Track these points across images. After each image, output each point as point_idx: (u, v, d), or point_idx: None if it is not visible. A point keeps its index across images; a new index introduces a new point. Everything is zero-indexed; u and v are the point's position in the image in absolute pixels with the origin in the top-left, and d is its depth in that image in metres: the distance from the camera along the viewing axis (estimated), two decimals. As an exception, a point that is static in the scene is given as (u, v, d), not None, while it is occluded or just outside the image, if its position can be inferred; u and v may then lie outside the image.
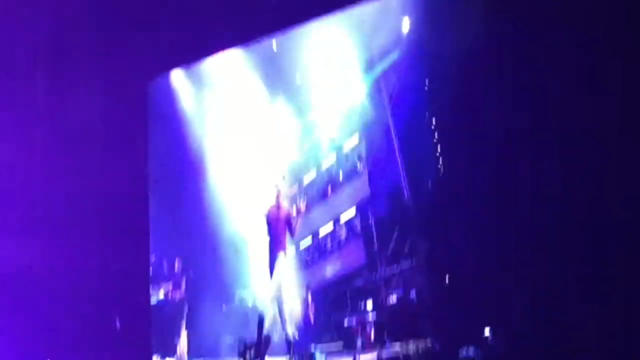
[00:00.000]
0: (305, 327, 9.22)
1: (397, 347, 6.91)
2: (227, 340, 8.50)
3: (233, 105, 10.33)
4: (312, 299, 9.45)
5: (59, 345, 5.25)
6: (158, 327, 7.79)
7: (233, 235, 9.64)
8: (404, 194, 8.07)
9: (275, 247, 6.64)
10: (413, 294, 7.55)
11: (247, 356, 6.48)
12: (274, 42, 9.29)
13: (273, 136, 10.33)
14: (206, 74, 9.92)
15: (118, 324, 5.59)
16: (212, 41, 6.59)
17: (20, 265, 5.36)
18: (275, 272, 6.57)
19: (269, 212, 6.75)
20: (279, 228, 6.68)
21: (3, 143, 5.68)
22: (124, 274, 5.72)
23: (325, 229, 10.08)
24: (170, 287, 8.49)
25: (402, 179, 8.13)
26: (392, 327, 7.54)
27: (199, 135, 10.20)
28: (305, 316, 9.36)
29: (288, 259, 6.76)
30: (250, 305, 9.28)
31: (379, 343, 7.44)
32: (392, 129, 8.49)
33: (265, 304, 6.77)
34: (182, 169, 9.91)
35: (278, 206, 6.76)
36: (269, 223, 6.71)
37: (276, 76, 10.07)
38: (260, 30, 6.57)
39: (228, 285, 9.37)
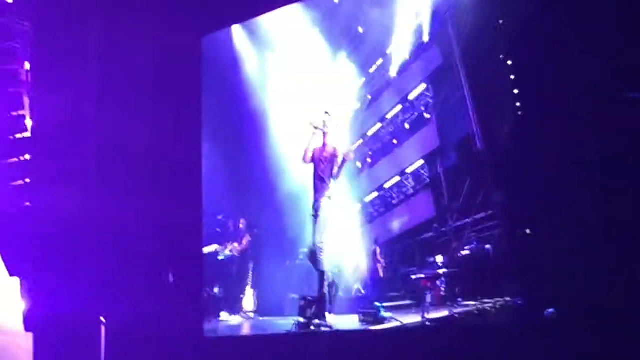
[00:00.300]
0: (372, 282, 9.02)
1: (470, 304, 6.66)
2: (291, 297, 8.44)
3: (294, 63, 10.10)
4: (381, 253, 9.07)
5: (113, 297, 5.32)
6: (226, 284, 8.14)
7: (295, 191, 9.31)
8: (476, 142, 7.54)
9: (319, 190, 6.35)
10: (488, 247, 7.10)
11: (308, 313, 6.33)
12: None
13: (335, 91, 10.04)
14: (266, 32, 9.73)
15: (171, 278, 5.58)
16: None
17: (75, 217, 5.39)
18: (319, 218, 6.30)
19: (314, 154, 6.46)
20: (325, 170, 6.38)
21: (57, 96, 5.67)
22: (177, 228, 5.68)
23: (392, 182, 9.68)
24: (236, 245, 8.67)
25: (474, 126, 7.62)
26: (464, 282, 7.17)
27: (260, 94, 10.04)
28: (373, 271, 9.15)
29: (335, 204, 6.45)
30: None
31: (450, 299, 7.16)
32: (461, 72, 7.84)
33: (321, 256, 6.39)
34: (244, 128, 9.83)
35: (324, 146, 6.45)
36: (315, 165, 6.43)
37: (338, 29, 9.77)
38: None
39: (291, 242, 9.17)
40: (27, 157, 6.17)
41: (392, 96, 9.90)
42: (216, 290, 8.07)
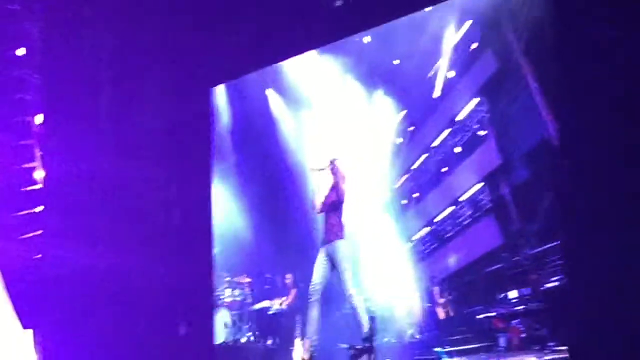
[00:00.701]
0: (429, 325, 7.97)
1: (563, 348, 5.43)
2: (342, 346, 7.68)
3: (331, 114, 9.62)
4: (439, 292, 8.13)
5: (125, 351, 5.12)
6: (279, 336, 7.85)
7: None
8: (554, 148, 6.35)
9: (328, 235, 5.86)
10: (577, 278, 5.79)
11: None
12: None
13: (374, 131, 9.56)
14: (299, 91, 9.45)
15: (183, 330, 5.44)
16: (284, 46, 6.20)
17: (86, 270, 5.25)
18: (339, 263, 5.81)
19: (326, 200, 5.94)
20: (335, 214, 5.87)
21: (68, 149, 5.64)
22: (188, 282, 5.55)
23: (444, 214, 8.76)
24: (284, 299, 8.54)
25: (551, 128, 6.43)
26: (555, 321, 5.95)
27: (298, 152, 9.62)
28: (430, 312, 8.12)
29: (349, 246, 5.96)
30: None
31: (536, 342, 6.03)
32: (526, 71, 6.91)
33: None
34: (286, 187, 9.55)
35: (334, 188, 5.95)
36: (327, 210, 5.93)
37: (371, 67, 9.27)
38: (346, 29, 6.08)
39: (337, 292, 8.47)
40: (38, 209, 5.80)
41: (438, 121, 9.16)
42: (269, 342, 7.84)
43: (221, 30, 5.98)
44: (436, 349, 5.91)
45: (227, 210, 9.32)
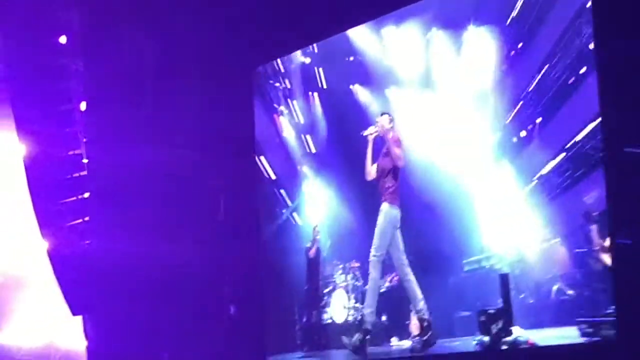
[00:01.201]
0: (589, 277, 6.19)
1: None
2: (461, 316, 7.31)
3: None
4: (599, 231, 6.45)
5: (175, 334, 5.25)
6: (392, 312, 7.73)
7: (453, 196, 8.21)
8: None
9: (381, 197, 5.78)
10: None
11: (493, 329, 5.21)
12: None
13: (472, 69, 8.57)
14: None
15: (232, 311, 5.59)
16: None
17: (134, 255, 5.37)
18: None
19: (378, 166, 5.90)
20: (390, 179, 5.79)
21: (112, 136, 5.89)
22: (236, 265, 5.66)
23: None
24: (393, 276, 8.17)
25: None
26: None
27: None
28: (589, 260, 6.35)
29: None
30: (485, 269, 7.67)
31: None
32: None
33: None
34: None
35: (385, 153, 5.87)
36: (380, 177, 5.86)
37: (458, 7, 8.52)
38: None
39: (449, 258, 8.08)
40: (86, 195, 5.94)
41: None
42: (383, 318, 7.73)
43: (264, 9, 6.00)
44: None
45: (329, 203, 9.37)
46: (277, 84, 9.33)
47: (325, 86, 9.34)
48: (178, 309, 5.20)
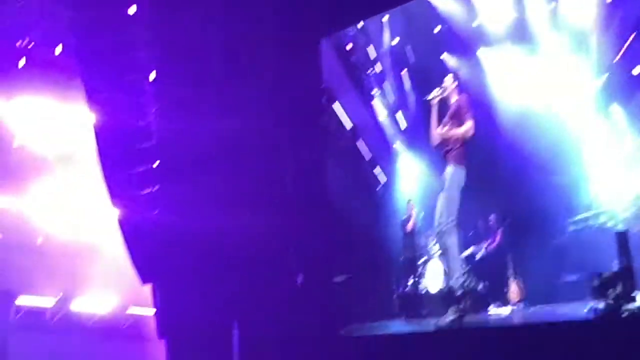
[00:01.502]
0: None
1: None
2: (566, 280, 6.90)
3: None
4: None
5: (245, 302, 5.15)
6: (491, 279, 7.49)
7: (554, 150, 7.81)
8: None
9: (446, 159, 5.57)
10: None
11: (611, 294, 4.56)
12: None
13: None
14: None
15: (300, 280, 5.41)
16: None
17: (203, 223, 5.25)
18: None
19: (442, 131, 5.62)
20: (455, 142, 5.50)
21: (181, 106, 5.71)
22: (304, 231, 5.56)
23: None
24: (490, 242, 8.22)
25: None
26: None
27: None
28: None
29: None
30: (594, 228, 7.18)
31: None
32: None
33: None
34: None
35: (450, 116, 5.62)
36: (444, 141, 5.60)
37: None
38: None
39: (556, 217, 7.68)
40: (155, 165, 5.72)
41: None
42: (480, 286, 7.46)
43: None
44: None
45: (421, 176, 9.56)
46: (370, 70, 9.69)
47: (414, 61, 9.38)
48: (246, 279, 5.12)
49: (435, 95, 5.68)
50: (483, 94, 8.77)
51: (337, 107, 8.82)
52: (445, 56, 9.22)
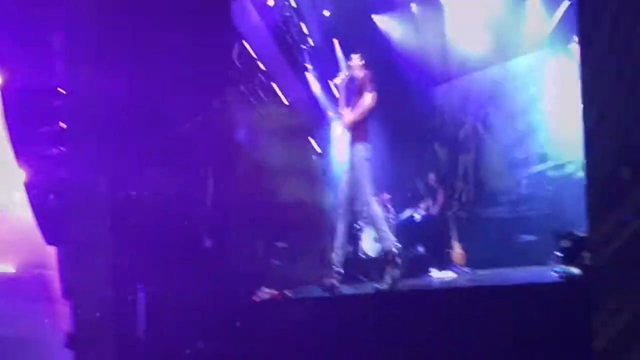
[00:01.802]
0: None
1: None
2: (522, 241, 6.86)
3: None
4: None
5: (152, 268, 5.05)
6: (431, 242, 7.54)
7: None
8: None
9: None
10: None
11: (587, 258, 3.84)
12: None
13: None
14: None
15: (208, 244, 5.44)
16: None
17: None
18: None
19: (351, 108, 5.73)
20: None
21: (91, 65, 5.46)
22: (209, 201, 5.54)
23: None
24: (430, 204, 8.14)
25: None
26: None
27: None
28: None
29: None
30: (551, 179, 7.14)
31: None
32: None
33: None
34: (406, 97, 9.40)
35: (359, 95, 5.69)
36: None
37: None
38: None
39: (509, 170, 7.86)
40: (62, 125, 5.49)
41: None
42: (420, 249, 7.52)
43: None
44: None
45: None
46: (303, 46, 9.50)
47: (344, 29, 9.31)
48: (154, 242, 5.03)
49: (342, 77, 5.78)
50: (416, 51, 8.87)
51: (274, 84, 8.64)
52: (376, 17, 9.16)
